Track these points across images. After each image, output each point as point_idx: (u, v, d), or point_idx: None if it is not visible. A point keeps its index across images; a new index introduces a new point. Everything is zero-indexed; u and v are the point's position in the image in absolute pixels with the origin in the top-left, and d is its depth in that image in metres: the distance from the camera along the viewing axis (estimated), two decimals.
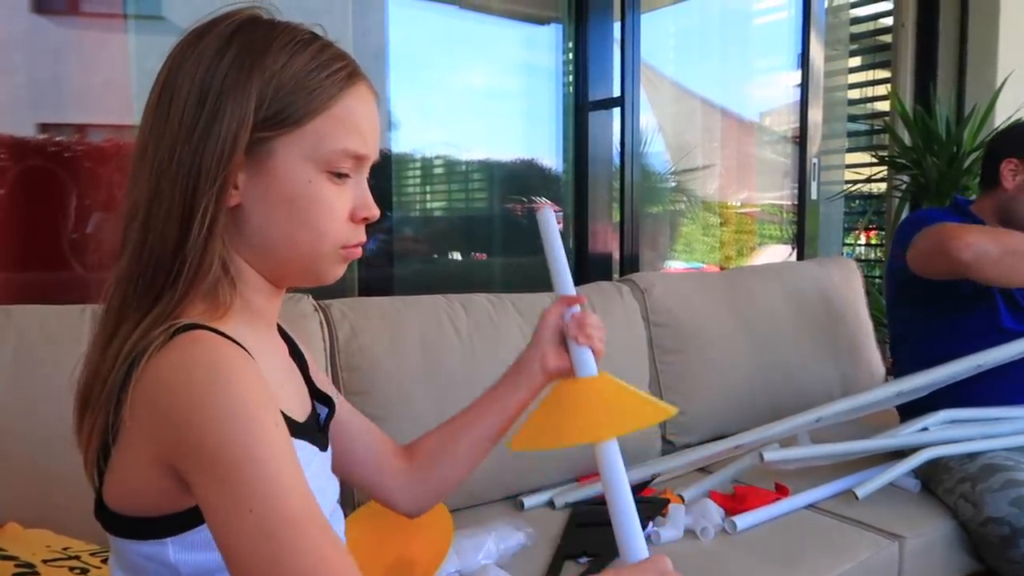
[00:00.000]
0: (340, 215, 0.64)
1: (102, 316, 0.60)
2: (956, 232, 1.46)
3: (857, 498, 1.43)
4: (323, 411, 0.74)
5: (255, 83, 0.58)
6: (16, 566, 0.88)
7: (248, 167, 0.60)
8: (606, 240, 2.33)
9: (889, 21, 3.21)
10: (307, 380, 0.74)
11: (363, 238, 0.67)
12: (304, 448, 0.64)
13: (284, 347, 0.72)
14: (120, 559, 0.60)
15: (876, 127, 3.45)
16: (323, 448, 0.70)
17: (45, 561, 0.91)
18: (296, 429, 0.62)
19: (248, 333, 0.61)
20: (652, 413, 0.75)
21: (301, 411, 0.68)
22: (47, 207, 1.58)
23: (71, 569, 0.90)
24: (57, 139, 1.58)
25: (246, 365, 0.55)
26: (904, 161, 2.81)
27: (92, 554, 0.97)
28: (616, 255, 2.29)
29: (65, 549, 0.96)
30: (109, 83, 1.65)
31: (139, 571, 0.59)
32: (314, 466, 0.66)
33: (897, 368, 1.78)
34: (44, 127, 1.58)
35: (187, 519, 0.56)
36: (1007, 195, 1.62)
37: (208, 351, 0.54)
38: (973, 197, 1.79)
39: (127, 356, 0.56)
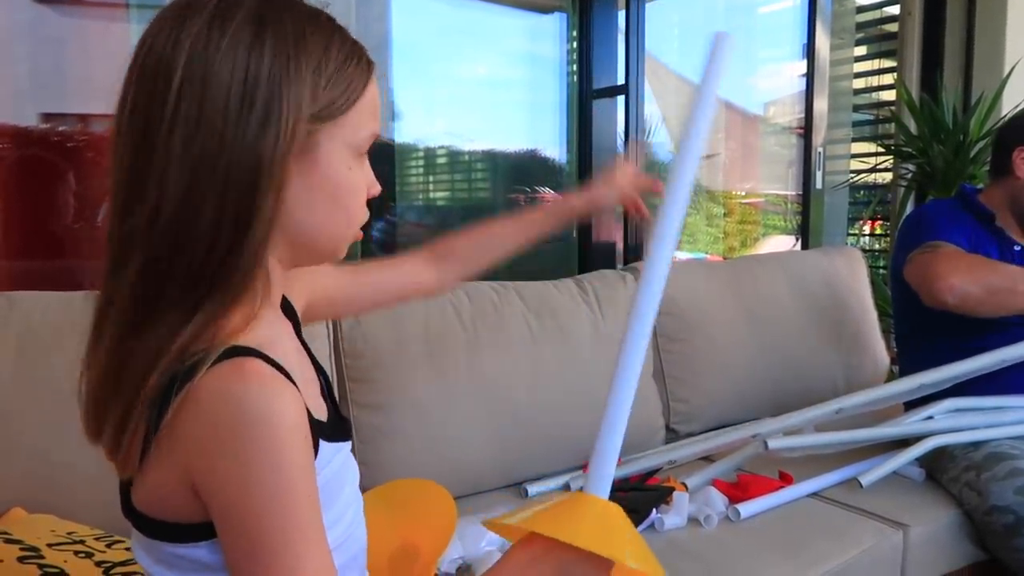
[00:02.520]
0: (364, 197, 0.65)
1: (120, 304, 0.57)
2: (940, 272, 1.46)
3: (861, 486, 1.43)
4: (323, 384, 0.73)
5: (305, 75, 0.57)
6: (21, 549, 0.88)
7: (296, 161, 0.58)
8: (610, 229, 2.32)
9: (895, 10, 3.19)
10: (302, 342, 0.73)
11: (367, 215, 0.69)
12: (330, 447, 0.64)
13: (290, 326, 0.71)
14: (148, 552, 0.60)
15: (882, 117, 3.43)
16: (345, 438, 0.69)
17: (50, 545, 0.91)
18: (322, 431, 0.62)
19: (272, 334, 0.60)
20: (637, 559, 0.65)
21: (315, 400, 0.66)
22: (49, 196, 1.58)
23: (76, 553, 0.91)
24: (59, 129, 1.58)
25: (299, 415, 0.55)
26: (910, 150, 2.79)
27: (97, 539, 0.97)
28: (620, 244, 2.28)
29: (70, 534, 0.96)
30: (111, 73, 1.65)
31: (171, 565, 0.59)
32: (338, 460, 0.66)
33: (902, 361, 1.77)
34: (47, 117, 1.58)
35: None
36: (1020, 184, 1.60)
37: (265, 400, 0.53)
38: (980, 186, 1.77)
39: (172, 363, 0.54)
